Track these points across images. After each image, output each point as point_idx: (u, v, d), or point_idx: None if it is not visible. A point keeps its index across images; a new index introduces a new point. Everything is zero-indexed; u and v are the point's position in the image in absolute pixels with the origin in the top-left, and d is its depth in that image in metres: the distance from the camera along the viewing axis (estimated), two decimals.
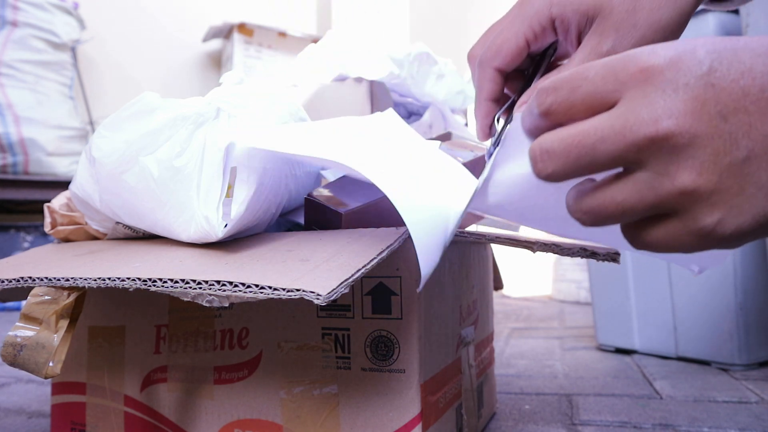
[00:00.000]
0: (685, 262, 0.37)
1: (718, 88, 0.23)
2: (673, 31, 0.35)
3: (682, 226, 0.24)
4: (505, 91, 0.40)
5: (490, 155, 0.38)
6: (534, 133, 0.27)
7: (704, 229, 0.23)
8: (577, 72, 0.25)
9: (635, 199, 0.24)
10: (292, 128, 0.49)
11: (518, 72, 0.40)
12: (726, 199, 0.23)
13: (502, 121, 0.39)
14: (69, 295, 0.42)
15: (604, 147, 0.23)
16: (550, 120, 0.26)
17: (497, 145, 0.38)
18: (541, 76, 0.38)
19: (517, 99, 0.38)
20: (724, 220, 0.23)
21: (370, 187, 0.49)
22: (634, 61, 0.24)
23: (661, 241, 0.25)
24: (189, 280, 0.36)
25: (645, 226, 0.25)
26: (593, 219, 0.25)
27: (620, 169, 0.25)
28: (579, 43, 0.36)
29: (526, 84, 0.38)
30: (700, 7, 0.38)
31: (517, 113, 0.36)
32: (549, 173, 0.25)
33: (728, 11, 0.85)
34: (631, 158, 0.23)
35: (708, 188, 0.23)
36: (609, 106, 0.24)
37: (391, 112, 0.58)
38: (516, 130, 0.29)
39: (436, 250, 0.36)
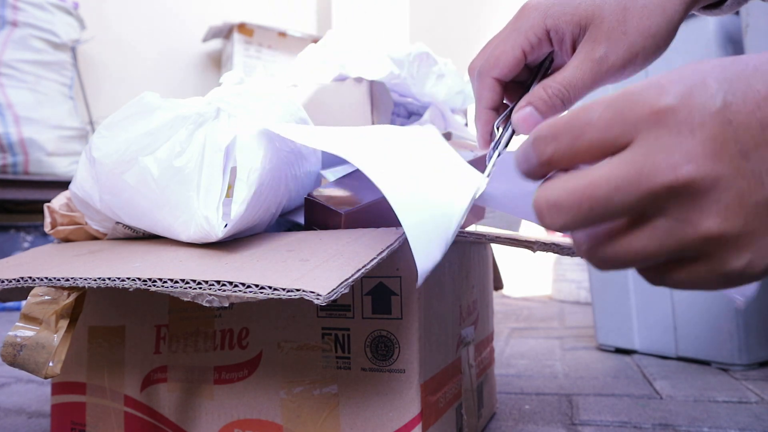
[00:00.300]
0: (727, 291, 0.37)
1: (736, 124, 0.21)
2: (662, 37, 0.36)
3: (709, 269, 0.23)
4: (504, 101, 0.41)
5: (490, 158, 0.39)
6: (533, 177, 0.26)
7: (733, 273, 0.22)
8: (577, 116, 0.23)
9: (655, 247, 0.22)
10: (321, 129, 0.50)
11: (516, 83, 0.41)
12: (754, 240, 0.22)
13: (500, 129, 0.40)
14: (69, 295, 0.42)
15: (619, 197, 0.22)
16: (552, 168, 0.24)
17: (495, 151, 0.39)
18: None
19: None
20: (753, 261, 0.22)
21: (371, 187, 0.49)
22: (641, 102, 0.22)
23: (686, 283, 0.24)
24: (189, 280, 0.36)
25: (666, 270, 0.24)
26: (609, 267, 0.24)
27: None
28: (574, 51, 0.37)
29: (525, 93, 0.39)
30: (690, 13, 0.39)
31: (516, 115, 0.37)
32: (560, 227, 0.23)
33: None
34: (649, 206, 0.22)
35: (735, 232, 0.21)
36: (617, 149, 0.23)
37: (431, 128, 0.59)
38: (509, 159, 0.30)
39: (437, 247, 0.36)
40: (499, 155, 0.39)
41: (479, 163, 0.56)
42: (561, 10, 0.37)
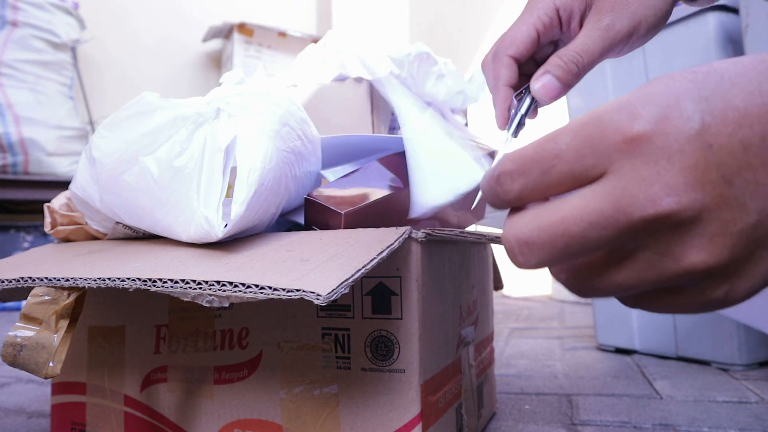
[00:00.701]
0: (762, 324, 0.38)
1: (717, 148, 0.20)
2: (661, 8, 0.40)
3: (689, 298, 0.22)
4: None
5: (510, 126, 0.42)
6: (499, 207, 0.24)
7: (714, 301, 0.22)
8: (543, 148, 0.22)
9: (635, 280, 0.21)
10: None
11: (525, 77, 0.44)
12: (738, 268, 0.21)
13: (516, 103, 0.42)
14: (69, 295, 0.42)
15: (595, 234, 0.20)
16: (521, 203, 0.23)
17: (518, 127, 0.42)
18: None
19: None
20: (735, 289, 0.21)
21: (371, 186, 0.50)
22: (612, 129, 0.20)
23: (664, 310, 0.23)
24: (189, 280, 0.36)
25: (644, 298, 0.23)
26: (590, 296, 0.24)
27: None
28: (581, 29, 0.41)
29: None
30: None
31: (536, 83, 0.40)
32: (531, 264, 0.22)
33: (707, 8, 0.85)
34: (628, 241, 0.21)
35: (720, 264, 0.20)
36: (590, 180, 0.21)
37: None
38: None
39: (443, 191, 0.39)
40: (520, 121, 0.41)
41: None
42: None
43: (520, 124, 0.41)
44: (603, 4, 0.40)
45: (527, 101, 0.41)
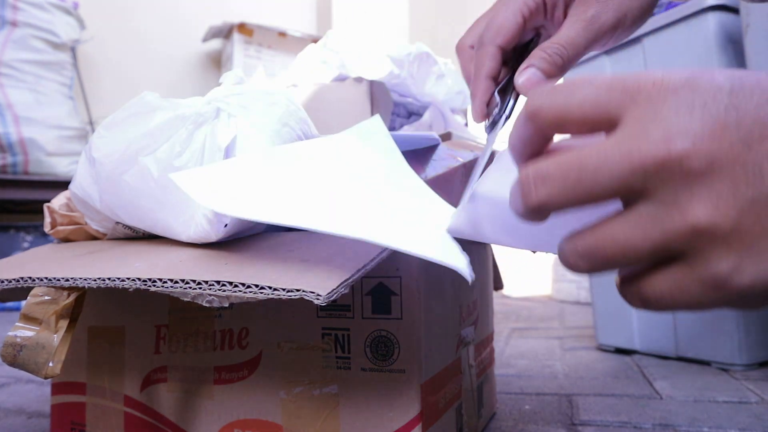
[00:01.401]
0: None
1: (742, 112, 0.20)
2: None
3: (690, 272, 0.20)
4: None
5: (491, 128, 0.40)
6: (525, 143, 0.24)
7: (717, 277, 0.20)
8: (574, 82, 0.22)
9: (638, 238, 0.20)
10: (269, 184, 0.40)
11: (508, 67, 0.42)
12: (746, 241, 0.19)
13: (499, 99, 0.40)
14: (69, 295, 0.42)
15: (607, 169, 0.20)
16: (540, 127, 0.23)
17: (493, 126, 0.40)
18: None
19: (513, 75, 0.40)
20: (742, 267, 0.19)
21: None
22: (643, 78, 0.21)
23: (665, 294, 0.21)
24: (189, 280, 0.36)
25: (646, 277, 0.22)
26: (590, 263, 0.22)
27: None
28: (565, 18, 0.40)
29: (520, 61, 0.41)
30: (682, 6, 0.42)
31: (520, 77, 0.38)
32: (542, 200, 0.22)
33: (707, 8, 0.85)
34: (638, 185, 0.20)
35: (725, 226, 0.19)
36: (611, 123, 0.22)
37: (375, 121, 0.55)
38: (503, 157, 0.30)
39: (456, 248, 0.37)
40: (504, 121, 0.40)
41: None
42: None
43: (505, 122, 0.40)
44: None
45: (511, 102, 0.40)
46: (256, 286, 0.34)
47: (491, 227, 0.35)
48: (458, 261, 0.34)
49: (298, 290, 0.33)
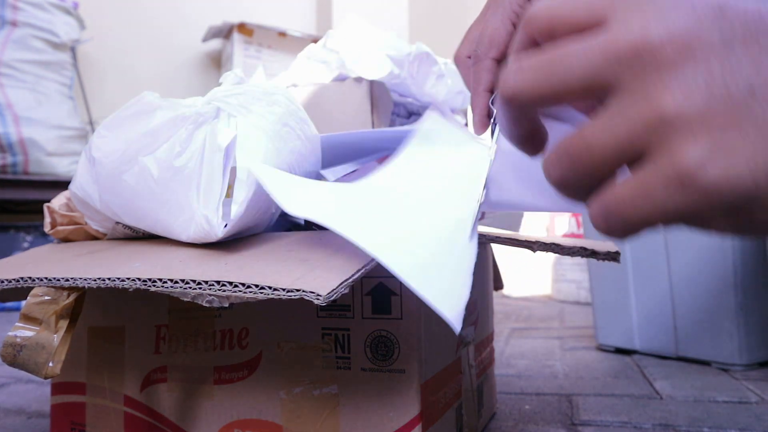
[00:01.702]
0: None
1: (730, 14, 0.19)
2: None
3: (655, 169, 0.19)
4: None
5: (493, 133, 0.41)
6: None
7: (682, 171, 0.18)
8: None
9: (606, 135, 0.20)
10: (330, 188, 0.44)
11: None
12: (714, 132, 0.18)
13: (494, 108, 0.41)
14: (69, 295, 0.42)
15: (581, 58, 0.20)
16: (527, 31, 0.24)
17: (493, 134, 0.40)
18: None
19: None
20: (710, 159, 0.18)
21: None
22: None
23: (626, 201, 0.19)
24: (189, 280, 0.36)
25: (611, 187, 0.20)
26: (560, 168, 0.21)
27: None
28: None
29: None
30: None
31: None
32: (518, 86, 0.22)
33: None
34: (611, 77, 0.20)
35: (693, 115, 0.18)
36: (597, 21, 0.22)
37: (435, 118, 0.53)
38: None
39: (459, 284, 0.34)
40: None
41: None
42: None
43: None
44: None
45: None
46: (256, 286, 0.34)
47: (517, 187, 0.35)
48: (450, 307, 0.31)
49: (298, 290, 0.33)
